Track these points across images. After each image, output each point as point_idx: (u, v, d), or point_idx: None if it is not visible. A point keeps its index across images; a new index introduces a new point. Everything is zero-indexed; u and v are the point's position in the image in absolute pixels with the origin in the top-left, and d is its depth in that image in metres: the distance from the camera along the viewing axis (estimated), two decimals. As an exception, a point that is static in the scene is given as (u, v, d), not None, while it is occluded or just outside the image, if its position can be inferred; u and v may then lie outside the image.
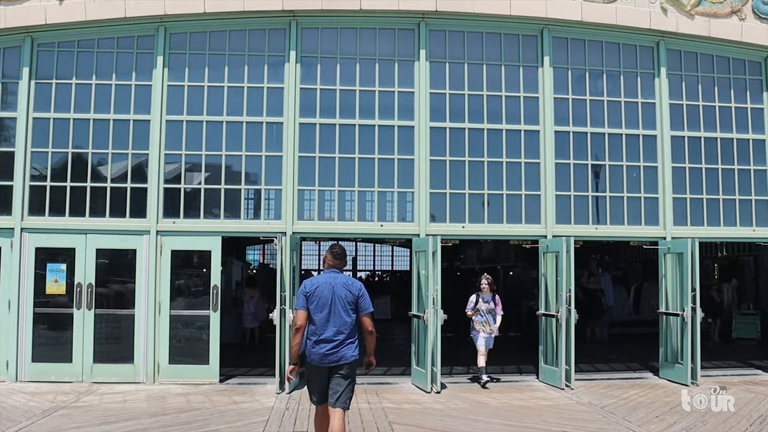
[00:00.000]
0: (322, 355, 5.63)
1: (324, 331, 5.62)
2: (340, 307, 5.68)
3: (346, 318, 5.68)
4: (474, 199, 10.80)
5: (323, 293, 5.71)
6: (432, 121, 10.77)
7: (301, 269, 10.53)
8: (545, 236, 10.78)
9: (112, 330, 10.38)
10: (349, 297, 5.73)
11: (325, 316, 5.65)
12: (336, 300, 5.69)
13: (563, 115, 11.10)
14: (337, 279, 5.81)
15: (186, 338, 10.47)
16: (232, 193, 10.54)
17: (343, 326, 5.66)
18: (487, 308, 10.40)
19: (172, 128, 10.49)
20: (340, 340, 5.63)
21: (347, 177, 10.59)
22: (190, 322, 10.45)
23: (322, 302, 5.67)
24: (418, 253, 10.42)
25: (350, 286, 5.82)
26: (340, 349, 5.64)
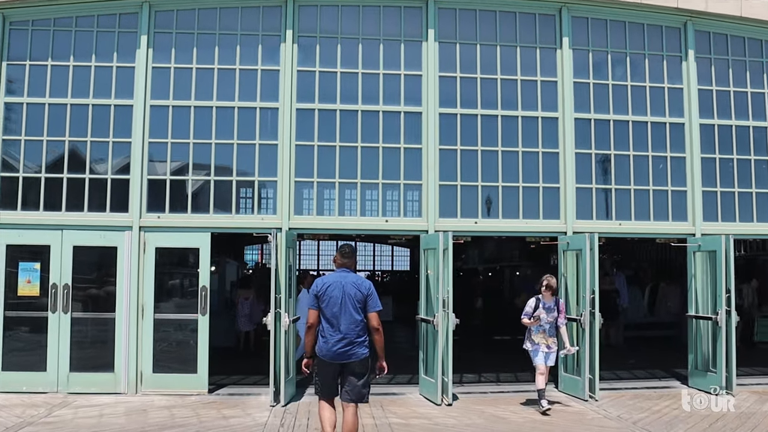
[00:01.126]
0: (333, 353, 5.73)
1: (335, 329, 5.73)
2: (350, 306, 5.77)
3: (356, 316, 5.78)
4: (487, 193, 9.79)
5: (334, 292, 5.81)
6: (441, 107, 9.77)
7: (298, 269, 9.53)
8: (564, 232, 9.78)
9: (91, 335, 9.37)
10: (358, 296, 5.81)
11: (336, 314, 5.75)
12: (346, 298, 5.78)
13: (584, 102, 10.10)
14: (347, 278, 5.90)
15: (172, 344, 9.45)
16: (222, 185, 9.53)
17: (354, 324, 5.76)
18: (548, 316, 8.50)
19: (156, 114, 9.47)
20: (350, 337, 5.74)
21: (349, 168, 9.59)
22: (177, 327, 9.44)
23: (332, 301, 5.78)
24: (427, 251, 9.42)
25: (360, 285, 5.90)
26: (351, 346, 5.74)
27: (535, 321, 8.43)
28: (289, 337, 8.96)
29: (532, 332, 8.53)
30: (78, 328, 9.20)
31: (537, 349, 8.48)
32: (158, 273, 9.32)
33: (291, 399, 8.87)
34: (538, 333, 8.50)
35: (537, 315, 8.42)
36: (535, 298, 8.59)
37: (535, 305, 8.50)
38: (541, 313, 8.46)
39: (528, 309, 8.55)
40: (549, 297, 8.55)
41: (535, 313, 8.45)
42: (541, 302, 8.51)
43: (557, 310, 8.57)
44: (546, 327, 8.48)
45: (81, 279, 9.34)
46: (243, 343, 13.56)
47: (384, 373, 5.99)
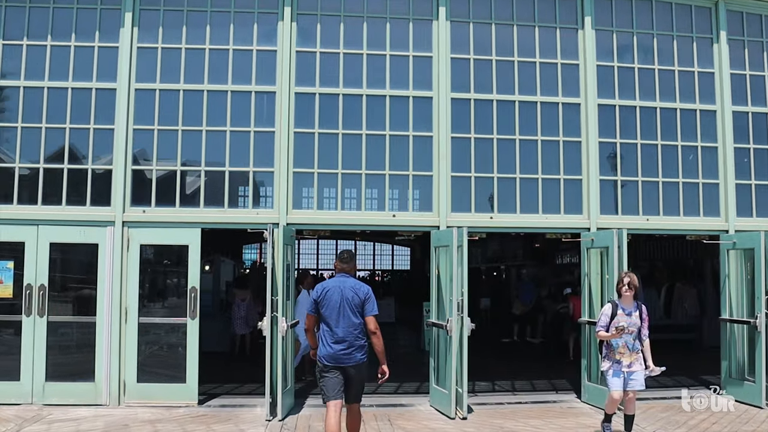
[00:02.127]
0: (334, 356, 5.76)
1: (335, 334, 5.76)
2: (348, 310, 5.79)
3: (355, 320, 5.80)
4: (504, 185, 8.89)
5: (333, 297, 5.83)
6: (454, 92, 8.87)
7: (297, 268, 8.62)
8: (588, 228, 8.89)
9: (69, 341, 8.49)
10: (356, 300, 5.82)
11: (336, 319, 5.78)
12: (344, 303, 5.80)
13: (608, 86, 9.21)
14: (345, 283, 5.91)
15: (158, 351, 8.55)
16: (214, 176, 8.62)
17: (352, 328, 5.78)
18: (630, 325, 6.58)
19: (142, 99, 8.56)
20: (350, 341, 5.77)
21: (353, 158, 8.68)
22: (164, 332, 8.52)
23: (332, 306, 5.81)
24: (438, 248, 8.51)
25: (358, 290, 5.89)
26: (351, 350, 5.77)
27: (618, 333, 6.51)
28: (287, 343, 8.05)
29: (611, 348, 6.66)
30: (55, 333, 8.30)
31: (618, 370, 6.60)
32: (143, 273, 8.42)
33: (289, 412, 7.96)
34: (617, 348, 6.62)
35: (621, 326, 6.50)
36: (610, 303, 6.80)
37: (612, 312, 6.66)
38: (622, 321, 6.58)
39: (603, 318, 6.71)
40: (630, 300, 6.70)
41: (613, 322, 6.61)
42: (620, 307, 6.67)
43: (641, 318, 6.69)
44: (628, 340, 6.61)
45: (58, 279, 8.45)
46: (238, 347, 12.65)
47: (386, 377, 5.97)
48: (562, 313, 12.79)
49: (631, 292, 6.66)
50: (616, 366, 6.60)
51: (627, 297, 6.68)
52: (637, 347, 6.65)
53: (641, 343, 6.68)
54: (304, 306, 9.31)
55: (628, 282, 6.68)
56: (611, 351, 6.66)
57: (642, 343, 6.68)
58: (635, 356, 6.63)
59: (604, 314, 6.72)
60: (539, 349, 14.04)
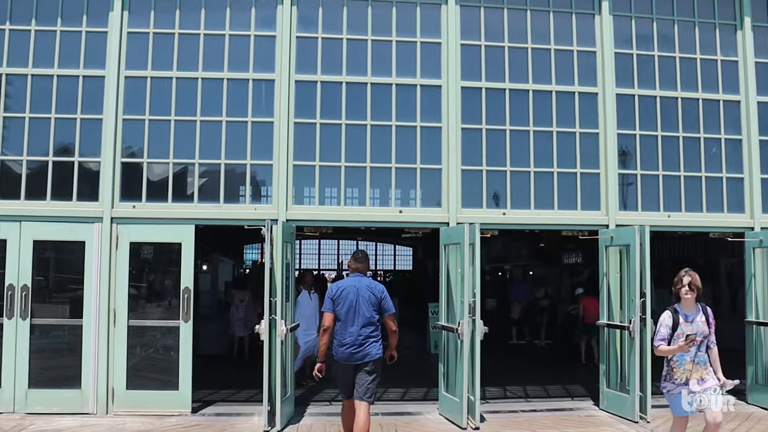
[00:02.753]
0: (348, 354, 5.82)
1: (350, 332, 5.82)
2: (364, 309, 5.87)
3: (370, 318, 5.88)
4: (517, 179, 8.32)
5: (349, 296, 5.89)
6: (464, 80, 8.30)
7: (298, 268, 8.06)
8: (606, 225, 8.31)
9: (54, 345, 7.90)
10: (372, 299, 5.91)
11: (351, 317, 5.84)
12: (360, 302, 5.88)
13: (626, 75, 8.64)
14: (361, 282, 6.00)
15: (149, 356, 7.97)
16: (209, 169, 8.06)
17: (368, 326, 5.85)
18: (694, 333, 5.22)
19: (132, 87, 8.00)
20: (364, 339, 5.83)
21: (357, 150, 8.11)
22: (155, 336, 7.94)
23: (347, 304, 5.87)
24: (448, 246, 7.93)
25: (373, 289, 5.97)
26: (365, 347, 5.83)
27: (688, 343, 5.16)
28: (286, 347, 7.48)
29: (676, 365, 5.32)
30: (38, 337, 7.72)
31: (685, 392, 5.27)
32: (133, 272, 7.84)
33: (289, 421, 7.39)
34: (683, 364, 5.29)
35: (692, 336, 5.15)
36: (668, 311, 5.42)
37: (673, 321, 5.31)
38: (685, 329, 5.25)
39: (663, 330, 5.33)
40: (692, 304, 5.38)
41: (678, 331, 5.27)
42: (681, 313, 5.34)
43: (707, 322, 5.37)
44: (694, 353, 5.28)
45: (43, 279, 7.88)
46: (237, 350, 12.07)
47: (394, 360, 6.12)
48: (572, 314, 12.19)
49: (692, 294, 5.32)
50: (683, 387, 5.28)
51: (688, 300, 5.35)
52: (705, 360, 5.33)
53: (708, 353, 5.38)
54: (304, 307, 8.76)
55: (689, 282, 5.35)
56: (675, 368, 5.31)
57: (710, 352, 5.38)
58: (705, 370, 5.30)
59: (663, 325, 5.33)
60: (548, 352, 13.43)
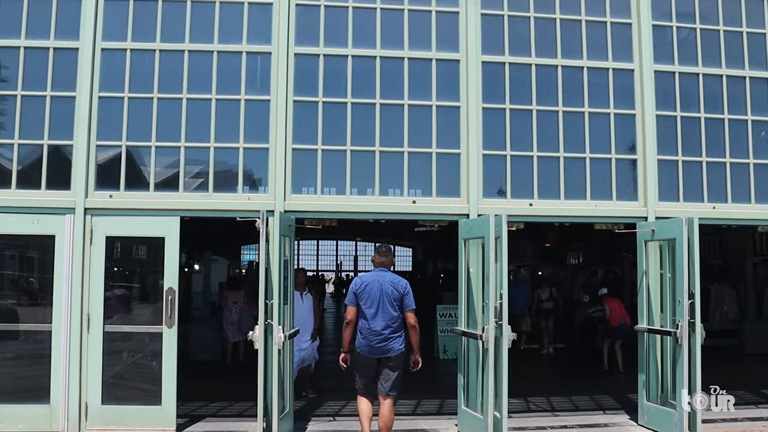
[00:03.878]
0: (371, 348, 5.83)
1: (373, 326, 5.81)
2: (387, 303, 5.85)
3: (393, 313, 5.85)
4: (545, 166, 7.31)
5: (372, 290, 5.86)
6: (485, 54, 7.29)
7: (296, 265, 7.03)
8: (645, 218, 7.32)
9: (19, 354, 6.88)
10: (395, 294, 5.87)
11: (374, 311, 5.82)
12: (384, 296, 5.85)
13: (665, 50, 7.63)
14: (384, 277, 5.92)
15: (128, 366, 6.94)
16: (196, 154, 7.02)
17: (391, 321, 5.83)
18: None
19: (109, 60, 6.97)
20: (387, 333, 5.80)
21: (364, 132, 7.09)
22: (135, 343, 6.91)
23: (371, 298, 5.84)
24: (468, 241, 6.91)
25: (397, 284, 5.93)
26: (388, 342, 5.81)
27: None
28: (284, 357, 6.46)
29: None
30: (2, 345, 6.70)
31: None
32: (110, 271, 6.82)
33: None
34: None
35: None
36: None
37: None
38: None
39: None
40: None
41: None
42: None
43: None
44: None
45: (6, 279, 6.89)
46: (231, 356, 11.04)
47: (418, 366, 6.00)
48: (594, 317, 11.19)
49: None
50: None
51: None
52: None
53: None
54: (299, 311, 7.77)
55: None
56: None
57: None
58: None
59: None
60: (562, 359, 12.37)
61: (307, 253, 43.41)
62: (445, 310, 12.80)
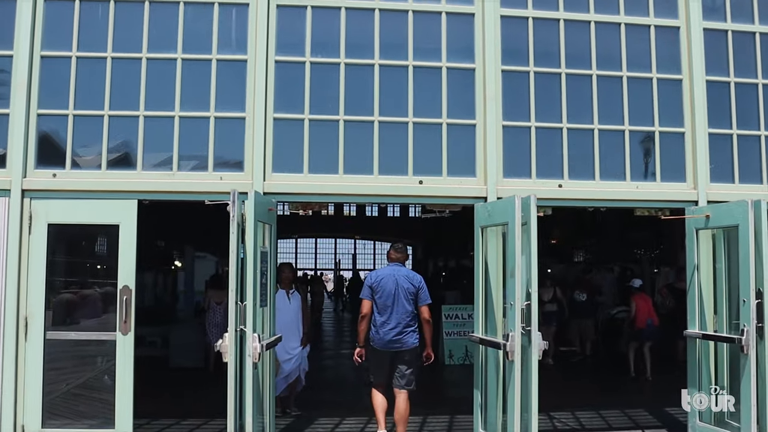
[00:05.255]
0: (386, 341, 5.79)
1: (388, 320, 5.78)
2: (402, 298, 5.80)
3: (408, 307, 5.82)
4: (577, 139, 6.05)
5: (388, 284, 5.81)
6: (504, 7, 6.02)
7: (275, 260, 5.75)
8: (695, 202, 6.06)
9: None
10: (410, 288, 5.83)
11: (390, 306, 5.79)
12: (399, 291, 5.81)
13: (716, 4, 6.39)
14: (399, 272, 5.90)
15: (75, 381, 5.67)
16: (158, 125, 5.75)
17: (405, 315, 5.80)
18: None
19: (53, 10, 5.71)
20: (401, 327, 5.77)
21: (360, 99, 5.83)
22: (83, 353, 5.65)
23: (386, 293, 5.81)
24: (487, 229, 5.66)
25: (412, 279, 5.89)
26: (402, 336, 5.78)
27: None
28: (262, 372, 5.21)
29: None
30: None
31: None
32: (53, 265, 5.55)
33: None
34: None
35: None
36: None
37: None
38: None
39: None
40: None
41: None
42: None
43: None
44: None
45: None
46: (213, 363, 9.75)
47: (431, 361, 5.97)
48: (618, 318, 9.93)
49: None
50: None
51: None
52: None
53: None
54: (282, 313, 6.52)
55: None
56: None
57: None
58: None
59: None
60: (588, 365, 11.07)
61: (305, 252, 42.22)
62: (451, 311, 11.57)
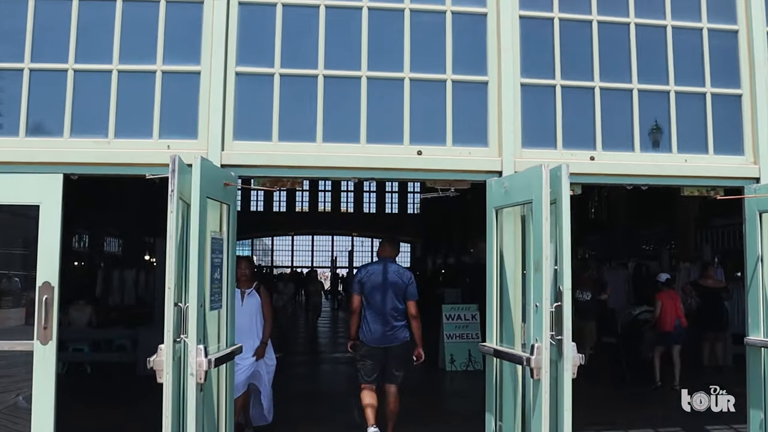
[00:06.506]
0: (375, 337, 5.65)
1: (379, 315, 5.65)
2: (391, 293, 5.68)
3: (397, 302, 5.69)
4: (611, 101, 4.84)
5: (378, 280, 5.70)
6: (522, -63, 4.84)
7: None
8: (756, 178, 4.87)
9: None
10: (400, 284, 5.71)
11: (380, 301, 5.66)
12: (388, 286, 5.69)
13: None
14: (389, 267, 5.79)
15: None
16: (90, 81, 4.54)
17: (395, 311, 5.68)
18: None
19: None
20: (392, 323, 5.66)
21: (344, 49, 4.63)
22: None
23: (376, 288, 5.69)
24: (502, 211, 4.45)
25: (401, 275, 5.80)
26: (393, 331, 5.66)
27: None
28: (216, 392, 4.00)
29: None
30: None
31: None
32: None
33: None
34: None
35: None
36: None
37: None
38: None
39: None
40: None
41: None
42: None
43: None
44: None
45: None
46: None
47: (421, 360, 5.77)
48: (641, 319, 8.73)
49: None
50: None
51: None
52: None
53: None
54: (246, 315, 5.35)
55: None
56: None
57: None
58: None
59: None
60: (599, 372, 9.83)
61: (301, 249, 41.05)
62: (453, 311, 10.37)
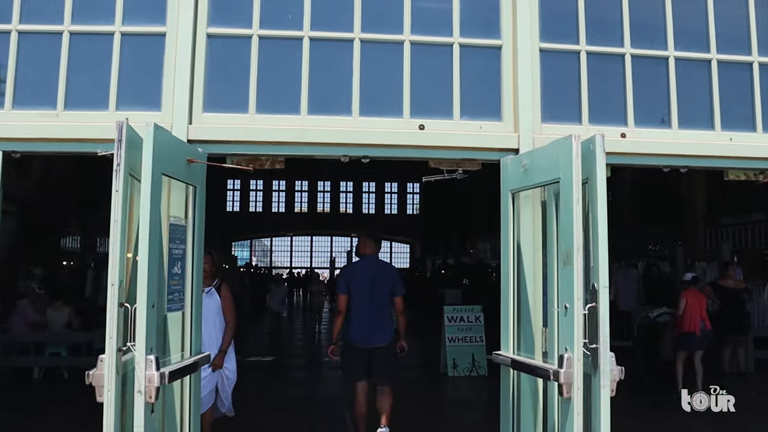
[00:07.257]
0: (361, 337, 5.59)
1: (366, 314, 5.57)
2: (378, 290, 5.62)
3: (384, 300, 5.65)
4: (642, 71, 4.13)
5: (364, 278, 5.64)
6: None
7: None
8: (813, 162, 4.17)
9: None
10: (386, 280, 5.67)
11: (367, 300, 5.58)
12: (375, 284, 5.62)
13: None
14: (375, 264, 5.80)
15: None
16: (37, 44, 3.85)
17: (382, 309, 5.64)
18: None
19: None
20: (378, 322, 5.61)
21: (334, 7, 3.93)
22: None
23: (362, 287, 5.61)
24: (519, 194, 3.75)
25: (387, 271, 5.86)
26: (380, 330, 5.61)
27: None
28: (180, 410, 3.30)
29: None
30: None
31: None
32: None
33: None
34: None
35: None
36: None
37: None
38: None
39: None
40: None
41: None
42: None
43: None
44: None
45: None
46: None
47: (404, 352, 5.75)
48: (660, 322, 8.02)
49: None
50: None
51: None
52: None
53: None
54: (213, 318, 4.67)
55: None
56: None
57: None
58: None
59: None
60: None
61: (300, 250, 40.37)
62: (455, 312, 9.67)
